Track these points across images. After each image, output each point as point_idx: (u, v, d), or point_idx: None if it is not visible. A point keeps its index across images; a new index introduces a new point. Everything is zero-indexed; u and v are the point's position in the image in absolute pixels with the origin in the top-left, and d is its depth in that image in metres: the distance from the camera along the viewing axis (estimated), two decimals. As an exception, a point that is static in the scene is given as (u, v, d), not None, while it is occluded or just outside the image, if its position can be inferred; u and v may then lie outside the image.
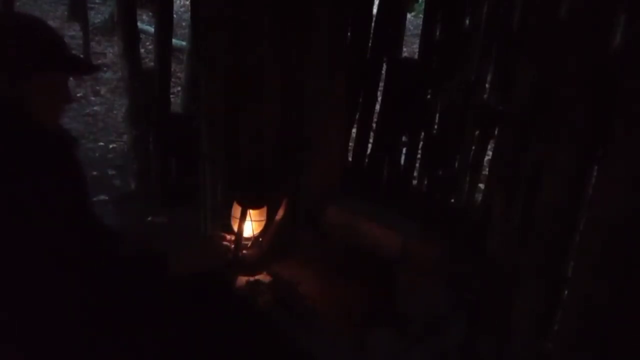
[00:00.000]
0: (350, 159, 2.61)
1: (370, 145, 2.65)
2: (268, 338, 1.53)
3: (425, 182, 2.54)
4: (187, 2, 6.64)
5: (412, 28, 5.95)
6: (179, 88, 4.42)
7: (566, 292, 1.50)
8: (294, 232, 2.02)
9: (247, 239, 1.84)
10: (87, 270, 1.21)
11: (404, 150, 2.59)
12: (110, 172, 3.62)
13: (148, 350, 1.30)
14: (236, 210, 1.82)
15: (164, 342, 1.33)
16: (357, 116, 2.54)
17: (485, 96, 2.31)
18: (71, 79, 1.38)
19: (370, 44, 2.43)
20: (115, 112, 4.78)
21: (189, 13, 3.63)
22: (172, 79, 3.39)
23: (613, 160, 1.27)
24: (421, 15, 2.66)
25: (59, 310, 1.18)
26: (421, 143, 2.57)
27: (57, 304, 1.18)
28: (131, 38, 2.95)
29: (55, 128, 1.32)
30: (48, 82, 1.22)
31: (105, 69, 5.71)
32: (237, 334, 1.44)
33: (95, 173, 3.51)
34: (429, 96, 2.41)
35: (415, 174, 2.63)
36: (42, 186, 1.18)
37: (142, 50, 3.42)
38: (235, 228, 1.82)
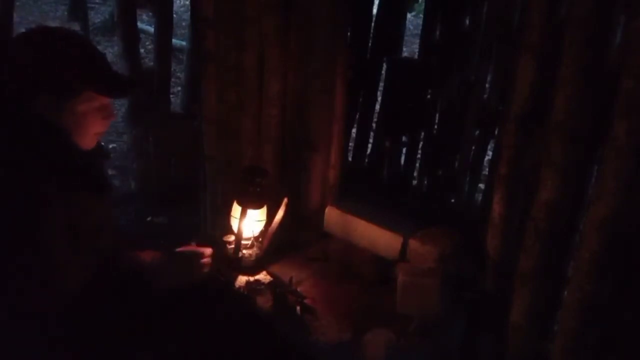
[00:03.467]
0: (350, 159, 2.61)
1: (370, 145, 2.66)
2: (268, 338, 1.53)
3: (425, 182, 2.55)
4: (187, 2, 6.64)
5: (412, 28, 5.95)
6: (179, 88, 4.42)
7: (566, 292, 1.50)
8: (294, 232, 2.02)
9: (247, 238, 1.84)
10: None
11: (404, 150, 2.59)
12: (110, 172, 3.62)
13: (148, 351, 1.30)
14: (236, 210, 1.82)
15: (164, 342, 1.33)
16: (357, 116, 2.54)
17: (485, 96, 2.32)
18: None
19: (370, 44, 2.43)
20: (115, 112, 4.79)
21: (189, 13, 3.63)
22: (172, 79, 3.39)
23: (613, 160, 1.27)
24: (421, 15, 2.66)
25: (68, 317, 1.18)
26: (421, 143, 2.58)
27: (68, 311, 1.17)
28: (131, 38, 2.95)
29: (97, 150, 1.31)
30: (87, 103, 1.20)
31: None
32: (237, 334, 1.44)
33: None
34: (429, 96, 2.41)
35: (415, 174, 2.63)
36: (73, 205, 1.17)
37: (142, 50, 3.42)
38: (235, 228, 1.82)
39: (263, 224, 1.88)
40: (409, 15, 3.10)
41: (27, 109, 1.16)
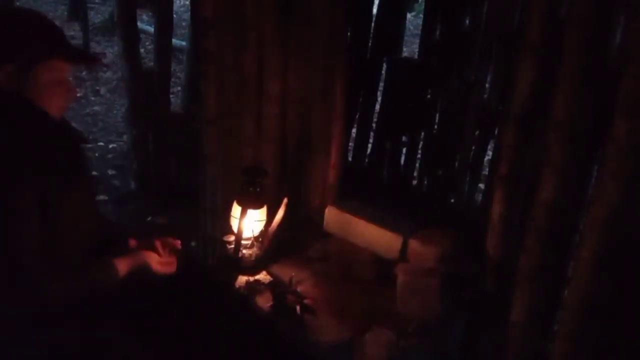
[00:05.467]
0: (350, 159, 2.61)
1: (370, 145, 2.65)
2: (267, 338, 1.53)
3: (425, 182, 2.54)
4: (187, 2, 6.63)
5: (412, 28, 5.95)
6: (179, 88, 4.42)
7: (566, 292, 1.50)
8: (293, 232, 2.02)
9: (247, 239, 1.84)
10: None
11: (404, 150, 2.59)
12: (110, 172, 3.62)
13: (147, 352, 1.30)
14: (236, 210, 1.82)
15: (163, 343, 1.33)
16: (357, 116, 2.54)
17: (485, 96, 2.32)
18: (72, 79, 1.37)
19: (370, 44, 2.43)
20: (115, 112, 4.78)
21: (189, 13, 3.63)
22: (172, 79, 3.39)
23: (613, 160, 1.27)
24: (421, 15, 2.66)
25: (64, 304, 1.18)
26: (421, 143, 2.57)
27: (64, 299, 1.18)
28: (131, 38, 2.95)
29: (62, 123, 1.31)
30: (49, 73, 1.21)
31: (105, 68, 5.71)
32: (237, 334, 1.44)
33: (95, 173, 3.51)
34: (429, 96, 2.41)
35: (415, 174, 2.63)
36: (47, 179, 1.17)
37: (142, 50, 3.42)
38: (235, 228, 1.82)
39: (263, 224, 1.88)
40: (409, 15, 3.11)
41: None
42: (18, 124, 1.18)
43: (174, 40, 3.16)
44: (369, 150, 2.64)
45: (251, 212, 1.81)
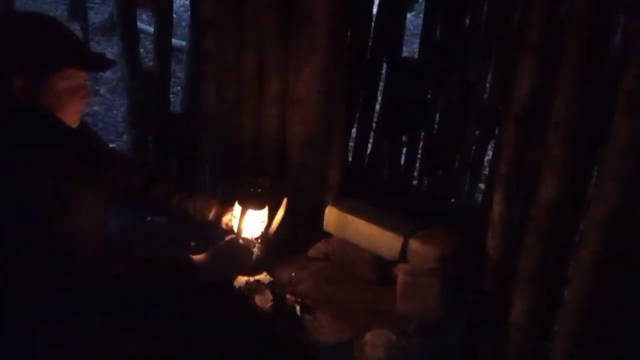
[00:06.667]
0: (350, 159, 2.61)
1: (370, 145, 2.66)
2: (267, 338, 1.53)
3: (425, 182, 2.55)
4: (187, 2, 6.64)
5: (412, 28, 5.94)
6: (179, 88, 4.42)
7: (566, 292, 1.50)
8: (294, 232, 2.02)
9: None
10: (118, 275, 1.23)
11: (404, 150, 2.59)
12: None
13: (147, 352, 1.30)
14: (236, 210, 1.82)
15: (163, 343, 1.33)
16: (357, 116, 2.54)
17: (485, 96, 2.32)
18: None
19: (370, 44, 2.43)
20: (115, 112, 4.78)
21: (189, 13, 3.62)
22: (172, 79, 3.38)
23: (613, 160, 1.27)
24: (421, 15, 2.66)
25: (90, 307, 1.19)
26: (421, 143, 2.58)
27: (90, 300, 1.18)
28: (131, 38, 2.94)
29: (82, 129, 1.31)
30: (65, 82, 1.20)
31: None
32: (237, 335, 1.44)
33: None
34: (429, 96, 2.41)
35: (415, 174, 2.63)
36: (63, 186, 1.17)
37: (142, 50, 3.42)
38: (235, 228, 1.81)
39: (263, 224, 1.87)
40: (409, 15, 3.10)
41: (3, 95, 1.16)
42: (32, 133, 1.17)
43: (174, 40, 3.15)
44: (369, 150, 2.64)
45: (252, 213, 1.81)
